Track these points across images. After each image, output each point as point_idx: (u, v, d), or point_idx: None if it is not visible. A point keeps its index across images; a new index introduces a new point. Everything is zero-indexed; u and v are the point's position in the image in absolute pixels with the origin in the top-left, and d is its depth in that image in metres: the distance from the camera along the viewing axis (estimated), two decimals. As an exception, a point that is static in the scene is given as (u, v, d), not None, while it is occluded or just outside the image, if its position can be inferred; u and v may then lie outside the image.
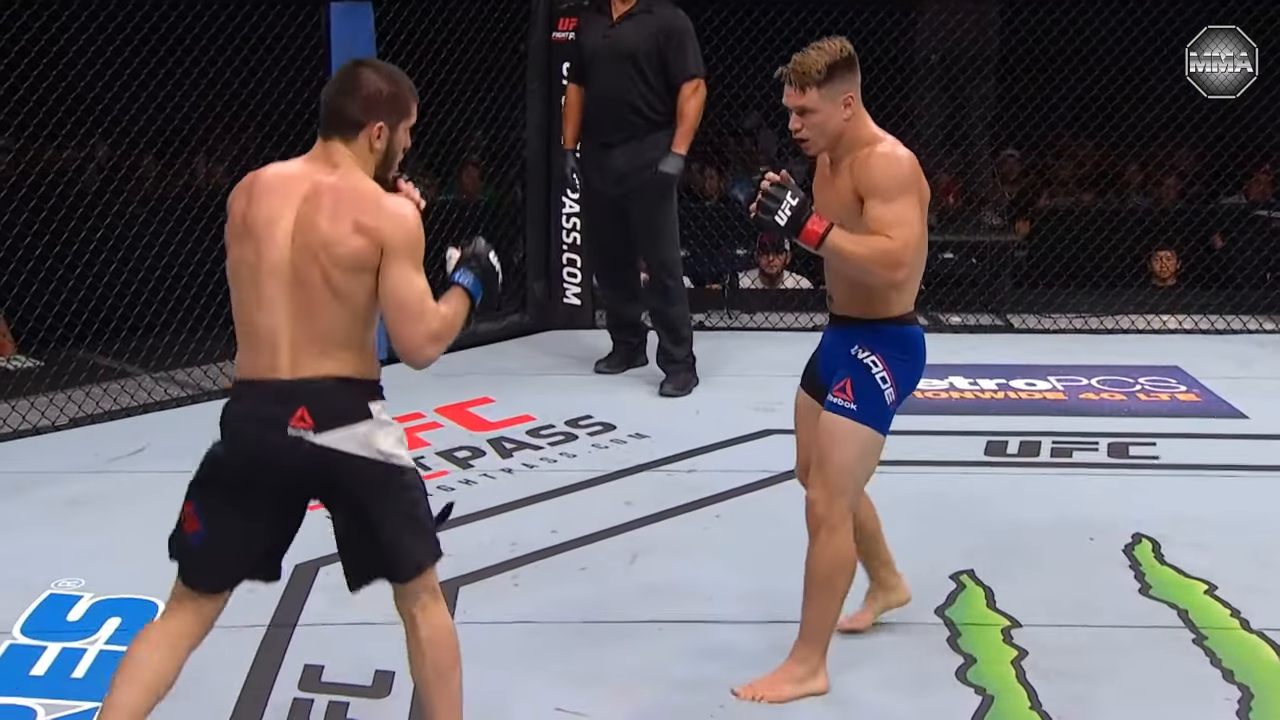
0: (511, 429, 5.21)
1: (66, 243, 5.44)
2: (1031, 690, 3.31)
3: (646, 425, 5.22)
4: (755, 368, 6.06)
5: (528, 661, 3.43)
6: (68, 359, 5.53)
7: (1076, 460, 4.97)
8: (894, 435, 5.02)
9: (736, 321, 6.82)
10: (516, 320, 6.59)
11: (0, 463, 4.79)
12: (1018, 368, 6.07)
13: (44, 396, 5.26)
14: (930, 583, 3.84)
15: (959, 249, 7.41)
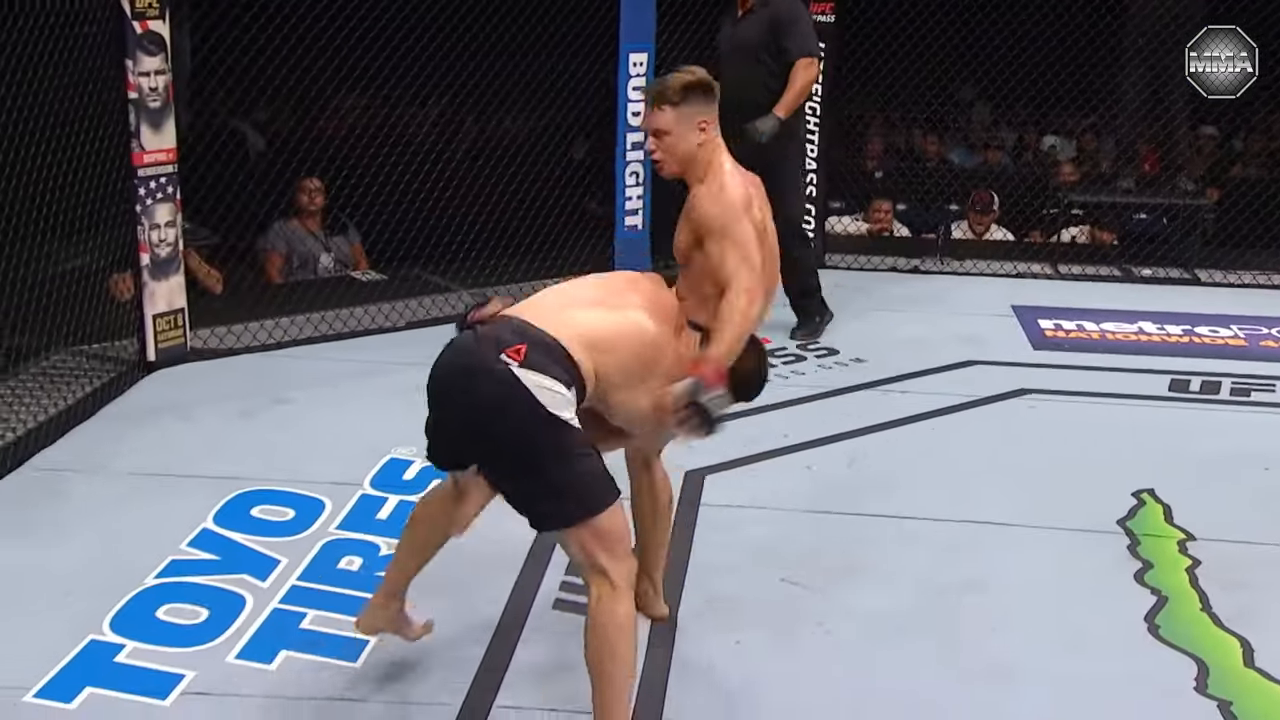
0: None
1: (407, 184, 5.67)
2: (1203, 595, 3.17)
3: (864, 351, 5.15)
4: (962, 306, 5.89)
5: (759, 541, 3.46)
6: (405, 275, 5.77)
7: (1254, 400, 4.69)
8: (1088, 371, 4.93)
9: (948, 266, 6.63)
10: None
11: (355, 353, 5.04)
12: (1202, 316, 5.73)
13: (387, 304, 5.46)
14: (1115, 497, 3.72)
15: (1152, 210, 7.02)
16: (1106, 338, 5.46)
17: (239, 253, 5.64)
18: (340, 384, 4.66)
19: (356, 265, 6.03)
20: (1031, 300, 5.98)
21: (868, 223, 7.05)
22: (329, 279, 5.83)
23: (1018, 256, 6.66)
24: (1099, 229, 6.91)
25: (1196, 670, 2.83)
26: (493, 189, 5.85)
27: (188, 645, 2.87)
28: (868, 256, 6.69)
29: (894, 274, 6.55)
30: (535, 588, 3.17)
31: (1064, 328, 5.57)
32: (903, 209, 7.27)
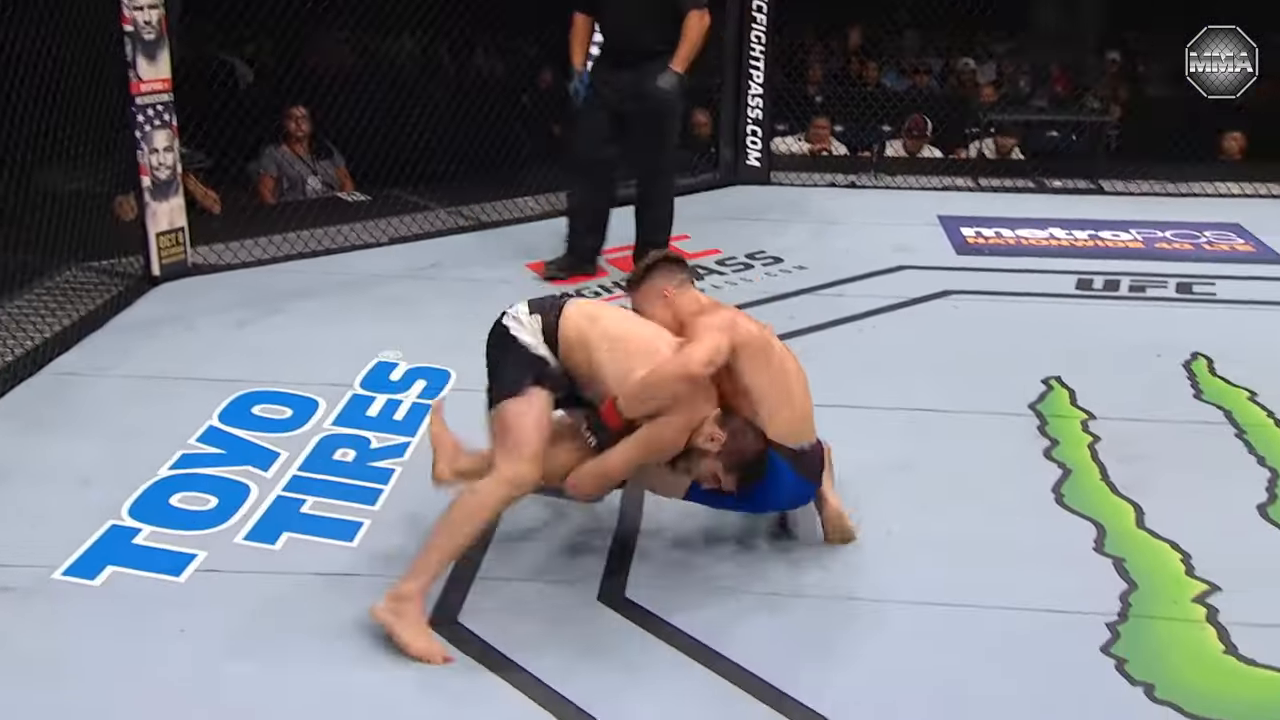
0: (704, 259, 5.19)
1: (389, 112, 5.55)
2: (1102, 467, 3.23)
3: (806, 259, 5.14)
4: (894, 217, 5.88)
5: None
6: (388, 196, 5.67)
7: (1149, 295, 4.74)
8: (1004, 273, 4.96)
9: (881, 182, 6.60)
10: (708, 178, 6.49)
11: (342, 267, 4.97)
12: (1105, 222, 5.75)
13: (371, 222, 5.39)
14: (1027, 384, 3.76)
15: (1063, 128, 7.02)
16: (1021, 243, 5.48)
17: (233, 176, 5.51)
18: (330, 295, 4.60)
19: (342, 187, 5.92)
20: (955, 211, 5.97)
21: (809, 142, 6.99)
22: (317, 200, 5.72)
23: (944, 171, 6.64)
24: (1002, 136, 6.88)
25: (1095, 533, 2.90)
26: (466, 115, 5.73)
27: (199, 529, 2.86)
28: (809, 174, 6.63)
29: (833, 189, 6.51)
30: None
31: (984, 235, 5.58)
32: (840, 130, 7.21)
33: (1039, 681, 2.36)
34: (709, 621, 2.53)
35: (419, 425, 3.44)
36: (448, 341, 4.10)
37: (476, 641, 2.46)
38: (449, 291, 4.71)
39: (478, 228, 5.58)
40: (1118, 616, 2.56)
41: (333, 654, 2.42)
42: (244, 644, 2.44)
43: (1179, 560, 2.77)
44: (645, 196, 4.81)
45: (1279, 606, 2.60)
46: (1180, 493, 3.10)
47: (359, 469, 3.17)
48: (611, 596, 2.62)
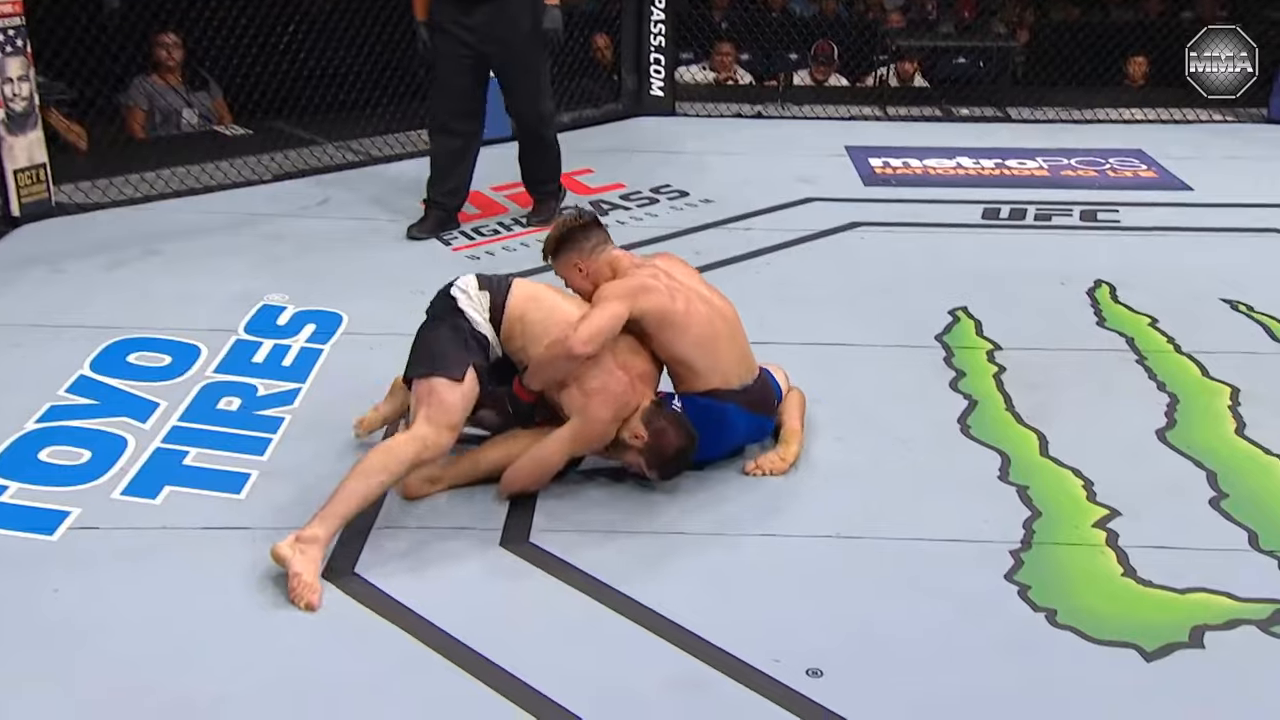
0: (607, 194, 5.15)
1: (270, 39, 5.35)
2: (1007, 396, 3.31)
3: (712, 192, 5.13)
4: (801, 148, 5.90)
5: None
6: (270, 129, 5.51)
7: (1055, 223, 4.84)
8: (911, 204, 5.02)
9: (788, 111, 6.60)
10: (612, 108, 6.42)
11: (223, 205, 4.82)
12: (1012, 150, 5.85)
13: (253, 157, 5.23)
14: (932, 315, 3.83)
15: (970, 54, 7.08)
16: (928, 173, 5.55)
17: (100, 109, 5.26)
18: (210, 235, 4.46)
19: (220, 120, 5.71)
20: (863, 141, 6.01)
21: (714, 70, 6.95)
22: (193, 134, 5.51)
23: (851, 100, 6.67)
24: (904, 60, 6.93)
25: (1000, 462, 2.98)
26: (357, 45, 5.55)
27: (72, 484, 2.77)
28: (714, 104, 6.61)
29: (739, 119, 6.49)
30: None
31: (891, 165, 5.63)
32: (747, 58, 7.17)
33: (944, 611, 2.43)
34: (615, 564, 2.54)
35: (309, 371, 3.38)
36: (338, 283, 4.02)
37: (374, 592, 2.43)
38: (339, 231, 4.60)
39: (369, 163, 5.45)
40: (1021, 544, 2.64)
41: (221, 609, 2.37)
42: (124, 603, 2.38)
43: (1080, 487, 2.86)
44: (528, 145, 4.61)
45: (1176, 529, 2.71)
46: (1082, 420, 3.20)
47: (245, 418, 3.10)
48: (515, 541, 2.62)
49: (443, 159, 4.52)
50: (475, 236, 4.58)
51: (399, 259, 4.33)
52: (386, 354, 3.50)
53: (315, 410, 3.17)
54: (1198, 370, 3.47)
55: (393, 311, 3.84)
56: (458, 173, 4.55)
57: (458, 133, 4.46)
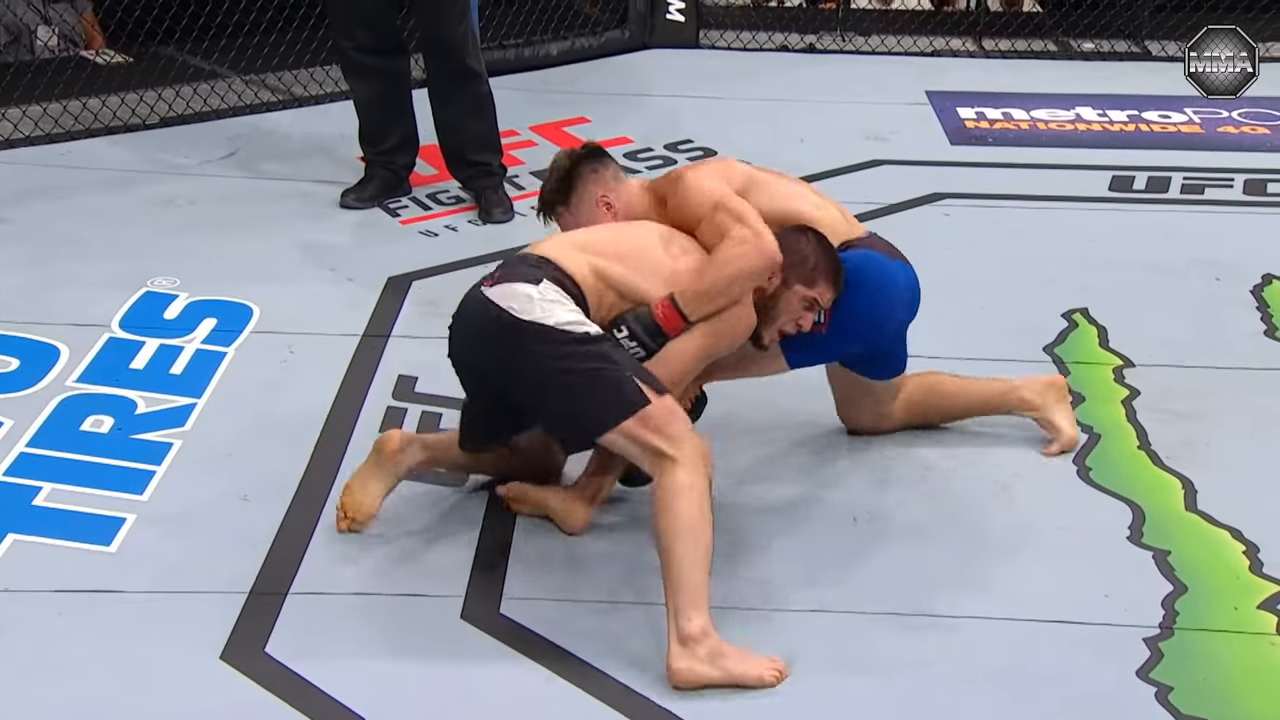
0: (609, 150, 5.16)
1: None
2: (1141, 429, 3.32)
3: (750, 150, 5.09)
4: (868, 94, 5.91)
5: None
6: (157, 56, 5.54)
7: (1208, 197, 4.85)
8: (1013, 169, 5.03)
9: (850, 44, 6.62)
10: (616, 36, 6.45)
11: (95, 158, 4.85)
12: (1152, 99, 5.86)
13: (134, 94, 5.25)
14: (1043, 319, 3.84)
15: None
16: (1037, 128, 5.56)
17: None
18: (75, 198, 4.50)
19: (90, 43, 5.75)
20: (950, 85, 6.03)
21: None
22: (52, 60, 5.55)
23: (934, 30, 6.70)
24: None
25: (1132, 517, 2.98)
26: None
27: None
28: (752, 33, 6.63)
29: (785, 54, 6.52)
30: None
31: (987, 117, 5.64)
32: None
33: (1057, 717, 2.41)
34: (610, 645, 2.55)
35: (206, 381, 3.39)
36: (247, 266, 4.03)
37: (291, 681, 2.43)
38: (249, 195, 4.62)
39: (291, 104, 5.48)
40: (1160, 629, 2.63)
41: (77, 702, 2.37)
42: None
43: (1242, 553, 2.86)
44: (450, 91, 4.49)
45: (1368, 611, 2.70)
46: (1244, 463, 3.19)
47: (119, 444, 3.12)
48: (481, 613, 2.63)
49: (367, 108, 4.53)
50: (431, 205, 4.59)
51: (329, 234, 4.34)
52: (309, 360, 3.53)
53: (214, 434, 3.18)
54: (1401, 396, 3.48)
55: (319, 303, 3.86)
56: (394, 123, 4.55)
57: (374, 71, 4.45)
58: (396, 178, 4.62)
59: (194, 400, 3.32)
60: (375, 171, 4.60)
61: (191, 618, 2.59)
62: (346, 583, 2.71)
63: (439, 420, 3.28)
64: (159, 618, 2.59)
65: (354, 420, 3.27)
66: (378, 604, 2.66)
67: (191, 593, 2.66)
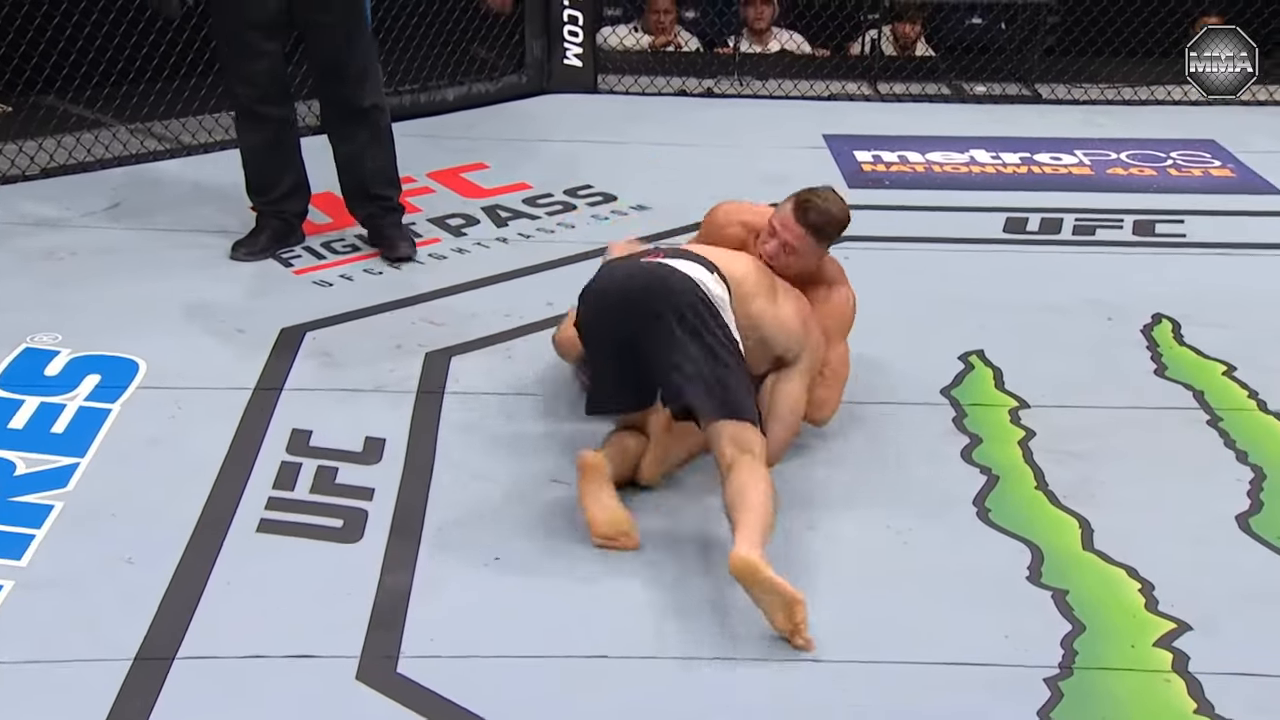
0: (507, 197, 5.17)
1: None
2: (1038, 470, 3.37)
3: (649, 197, 5.18)
4: (766, 138, 5.98)
5: (520, 435, 3.48)
6: (37, 105, 5.45)
7: (1099, 238, 4.96)
8: (909, 210, 5.11)
9: (747, 89, 6.70)
10: (514, 81, 6.47)
11: (-33, 210, 4.78)
12: (1043, 141, 6.00)
13: (13, 144, 5.17)
14: (939, 362, 3.89)
15: (987, 13, 7.26)
16: (933, 170, 5.65)
17: None
18: (-51, 252, 4.42)
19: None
20: (846, 128, 6.12)
21: (649, 33, 7.04)
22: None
23: (830, 75, 6.80)
24: (902, 21, 7.07)
25: (1030, 557, 3.02)
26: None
27: None
28: (650, 78, 6.69)
29: (683, 98, 6.58)
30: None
31: (884, 160, 5.73)
32: (693, 16, 7.28)
33: (957, 762, 2.45)
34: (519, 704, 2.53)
35: (90, 440, 3.33)
36: (133, 320, 3.97)
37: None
38: (135, 247, 4.56)
39: (178, 152, 5.44)
40: (1059, 669, 2.66)
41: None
42: None
43: (1137, 590, 2.91)
44: (356, 131, 4.48)
45: (1265, 648, 2.76)
46: (1139, 502, 3.25)
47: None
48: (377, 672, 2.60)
49: (257, 157, 4.50)
50: (325, 254, 4.56)
51: (218, 285, 4.29)
52: (198, 416, 3.48)
53: (97, 494, 3.13)
54: (1290, 434, 3.58)
55: (208, 357, 3.81)
56: (285, 171, 4.52)
57: (267, 119, 4.42)
58: (288, 226, 4.59)
59: (76, 460, 3.26)
60: (266, 222, 4.56)
61: (72, 688, 2.53)
62: (237, 645, 2.66)
63: (335, 474, 3.25)
64: (38, 689, 2.53)
65: (246, 476, 3.23)
66: (269, 667, 2.61)
67: (72, 661, 2.60)
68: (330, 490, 3.20)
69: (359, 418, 3.48)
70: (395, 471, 3.28)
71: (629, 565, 2.95)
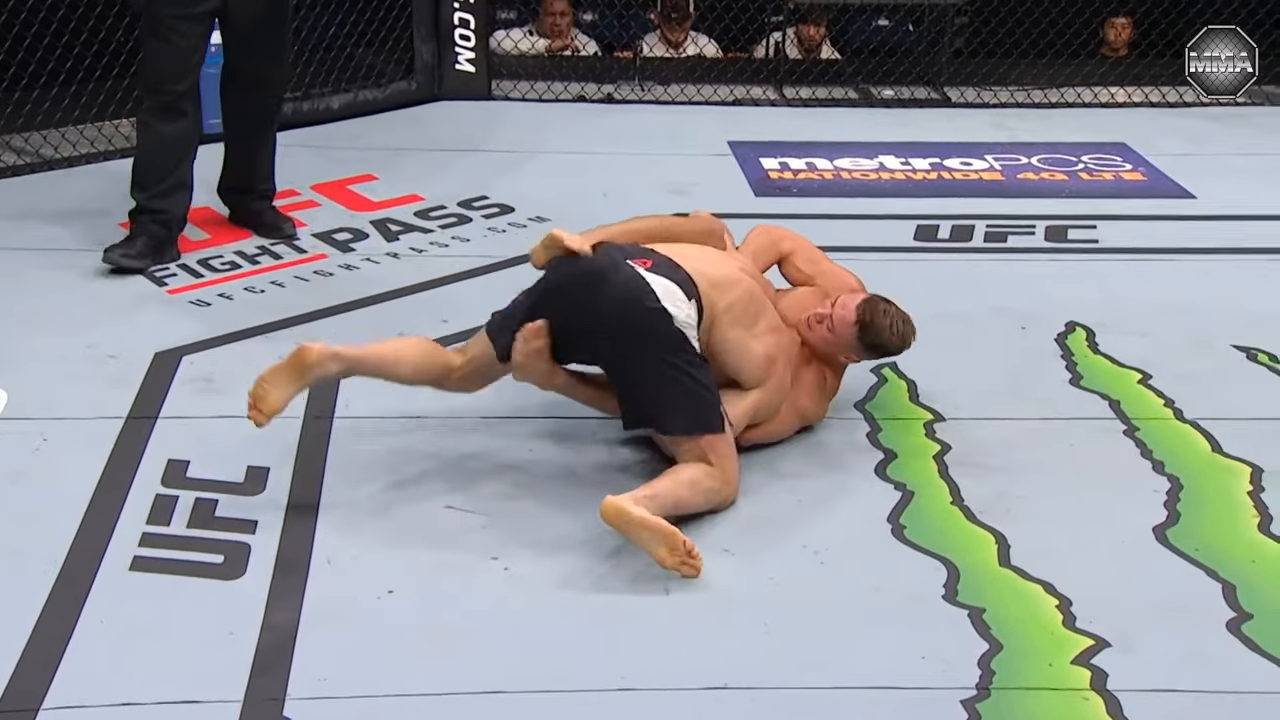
0: (397, 209, 5.15)
1: None
2: (953, 485, 3.41)
3: (549, 207, 5.17)
4: (669, 145, 6.02)
5: (413, 461, 3.46)
6: None
7: (1011, 245, 5.04)
8: (818, 219, 5.15)
9: (649, 94, 6.73)
10: (403, 88, 6.44)
11: None
12: (953, 146, 6.09)
13: None
14: (851, 375, 3.88)
15: (893, 14, 7.35)
16: (841, 177, 5.71)
17: None
18: None
19: None
20: (752, 134, 6.17)
21: (545, 36, 7.05)
22: None
23: (734, 79, 6.86)
24: (806, 23, 7.14)
25: (946, 574, 3.05)
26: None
27: None
28: (547, 83, 6.70)
29: (582, 104, 6.60)
30: (100, 542, 3.07)
31: (791, 167, 5.78)
32: (591, 19, 7.30)
33: (874, 790, 2.46)
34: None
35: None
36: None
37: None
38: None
39: (39, 166, 5.37)
40: (977, 690, 2.69)
41: None
42: None
43: (1055, 607, 2.94)
44: (261, 130, 4.70)
45: (1184, 663, 2.80)
46: (1056, 516, 3.30)
47: None
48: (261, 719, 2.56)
49: (162, 150, 4.48)
50: (202, 272, 4.51)
51: (86, 307, 4.23)
52: (65, 449, 3.41)
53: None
54: (1206, 444, 3.63)
55: (76, 385, 3.75)
56: (181, 169, 4.52)
57: (185, 113, 4.45)
58: (167, 234, 4.53)
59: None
60: (144, 228, 4.50)
61: (-70, 743, 2.47)
62: (109, 692, 2.60)
63: (214, 507, 3.21)
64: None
65: (118, 511, 3.17)
66: (144, 715, 2.56)
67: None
68: (210, 524, 3.15)
69: (240, 446, 3.43)
70: (280, 502, 3.25)
71: (529, 599, 2.94)
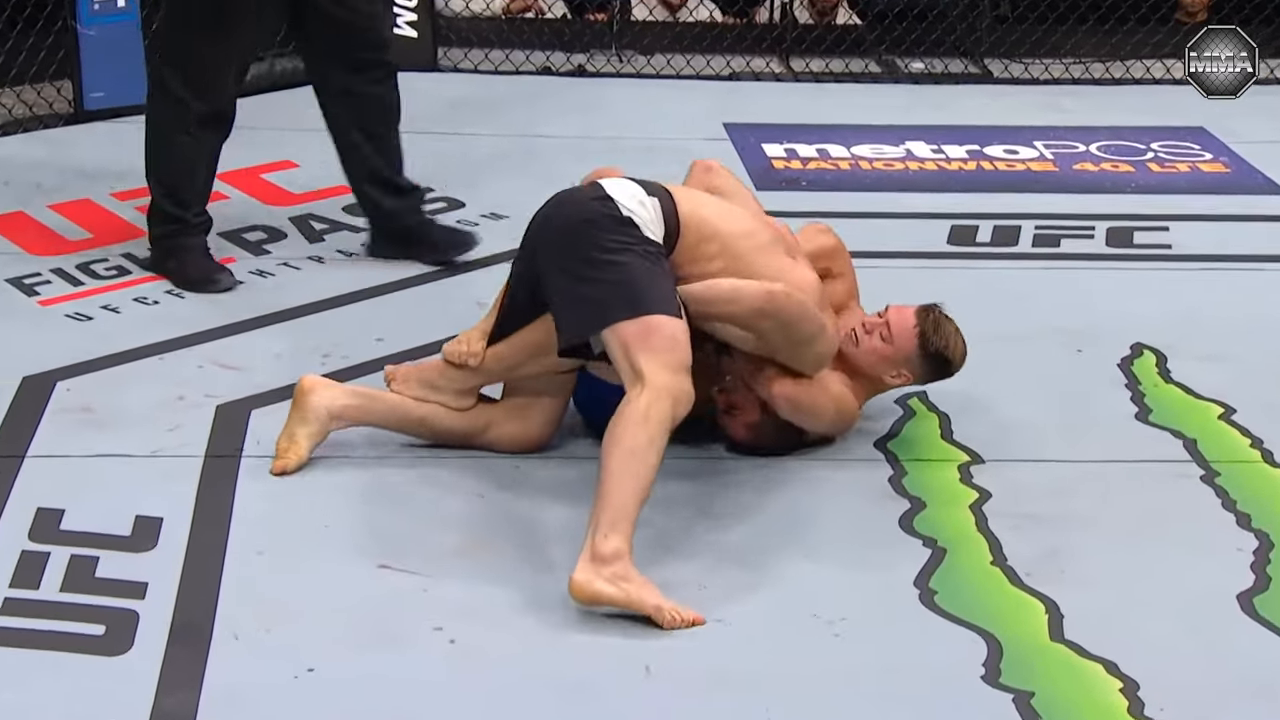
0: (322, 204, 5.18)
1: None
2: (994, 541, 3.40)
3: (505, 203, 5.17)
4: (652, 128, 6.03)
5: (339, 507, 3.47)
6: None
7: (1065, 251, 5.05)
8: (832, 218, 5.13)
9: (628, 65, 6.74)
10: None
11: None
12: (996, 130, 6.12)
13: None
14: (872, 409, 3.90)
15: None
16: (860, 168, 5.72)
17: None
18: None
19: None
20: (753, 115, 6.21)
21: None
22: None
23: (731, 48, 6.87)
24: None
25: (986, 651, 3.03)
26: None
27: None
28: (505, 52, 6.74)
29: (547, 78, 6.65)
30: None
31: (799, 155, 5.80)
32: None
33: None
34: None
35: None
36: None
37: None
38: None
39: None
40: (1023, 791, 2.69)
41: None
42: None
43: (1119, 691, 2.92)
44: (382, 116, 4.87)
45: (1272, 755, 2.81)
46: (1118, 579, 3.29)
47: None
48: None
49: (201, 164, 4.59)
50: (82, 280, 4.51)
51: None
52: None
53: None
54: (1301, 492, 3.65)
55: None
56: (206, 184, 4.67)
57: (230, 119, 4.59)
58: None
59: None
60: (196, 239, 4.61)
61: None
62: None
63: (94, 566, 3.19)
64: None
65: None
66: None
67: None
68: (89, 587, 3.13)
69: (127, 492, 3.44)
70: (176, 560, 3.23)
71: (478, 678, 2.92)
